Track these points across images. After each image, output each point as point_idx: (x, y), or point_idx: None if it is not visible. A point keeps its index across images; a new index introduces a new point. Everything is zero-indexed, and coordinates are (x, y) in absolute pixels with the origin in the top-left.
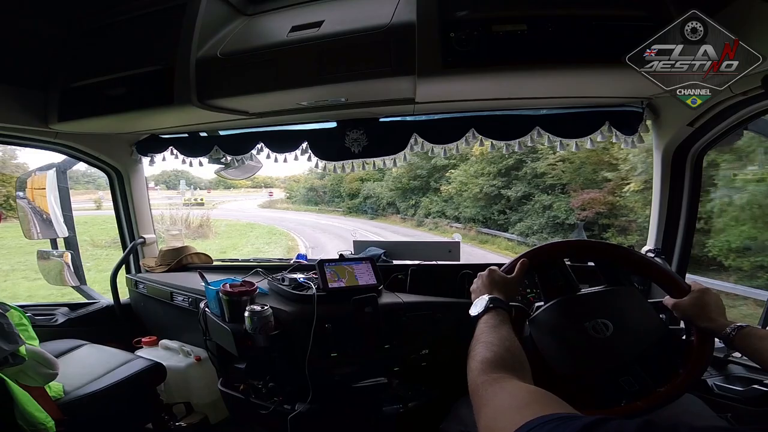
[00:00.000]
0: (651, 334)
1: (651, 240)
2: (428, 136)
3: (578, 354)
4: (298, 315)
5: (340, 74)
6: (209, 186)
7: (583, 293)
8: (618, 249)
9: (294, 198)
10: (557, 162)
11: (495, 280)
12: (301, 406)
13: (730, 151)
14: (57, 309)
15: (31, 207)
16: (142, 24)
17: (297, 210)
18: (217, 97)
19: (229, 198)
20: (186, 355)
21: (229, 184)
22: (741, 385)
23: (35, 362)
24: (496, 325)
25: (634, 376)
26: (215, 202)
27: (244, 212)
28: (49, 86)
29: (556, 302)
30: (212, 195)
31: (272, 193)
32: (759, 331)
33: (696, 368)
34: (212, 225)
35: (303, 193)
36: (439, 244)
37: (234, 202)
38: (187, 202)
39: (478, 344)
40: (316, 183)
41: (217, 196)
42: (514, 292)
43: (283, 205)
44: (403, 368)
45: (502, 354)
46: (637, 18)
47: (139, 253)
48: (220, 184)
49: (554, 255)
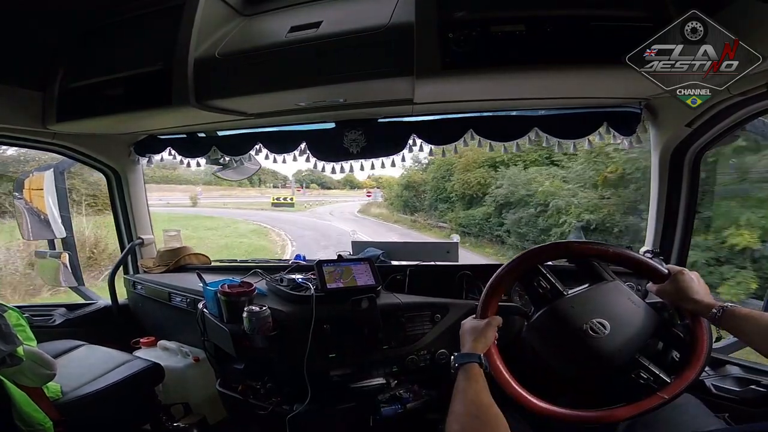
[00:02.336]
0: (648, 324)
1: (649, 241)
2: (427, 136)
3: (581, 356)
4: (297, 316)
5: (339, 75)
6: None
7: (570, 295)
8: (592, 246)
9: (391, 200)
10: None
11: (468, 331)
12: (300, 406)
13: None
14: (55, 310)
15: (27, 208)
16: (141, 24)
17: (386, 220)
18: (215, 97)
19: (331, 198)
20: (184, 355)
21: (327, 182)
22: (738, 385)
23: (33, 363)
24: (464, 387)
25: (644, 368)
26: (310, 202)
27: (317, 219)
28: (47, 87)
29: (547, 310)
30: (306, 194)
31: (371, 193)
32: (741, 310)
33: (696, 357)
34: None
35: (399, 192)
36: (438, 245)
37: (329, 203)
38: (277, 202)
39: (450, 414)
40: (415, 178)
41: (314, 197)
42: (489, 335)
43: (377, 210)
44: (401, 369)
45: (470, 423)
46: (636, 18)
47: (138, 253)
48: (315, 181)
49: (529, 264)
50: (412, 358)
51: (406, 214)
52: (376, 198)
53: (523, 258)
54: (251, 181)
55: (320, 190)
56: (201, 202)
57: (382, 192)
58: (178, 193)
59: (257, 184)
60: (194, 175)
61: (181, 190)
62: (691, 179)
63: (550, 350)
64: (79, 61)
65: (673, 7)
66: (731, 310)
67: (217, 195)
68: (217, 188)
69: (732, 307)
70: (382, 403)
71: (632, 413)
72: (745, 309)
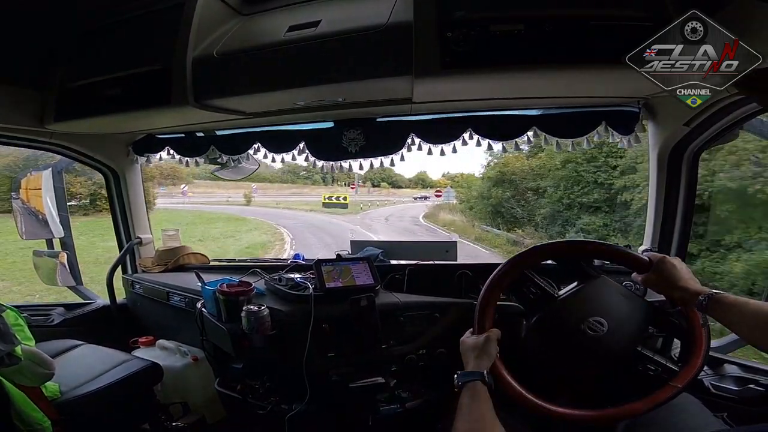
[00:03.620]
0: (644, 315)
1: (647, 240)
2: (425, 136)
3: (584, 356)
4: (296, 315)
5: (338, 74)
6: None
7: (561, 297)
8: (572, 244)
9: (470, 203)
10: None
11: (469, 349)
12: (299, 406)
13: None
14: (53, 309)
15: (24, 207)
16: (139, 24)
17: (462, 233)
18: (213, 97)
19: (397, 198)
20: (183, 355)
21: (398, 181)
22: (737, 384)
23: (31, 362)
24: (468, 404)
25: (650, 360)
26: (371, 202)
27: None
28: (46, 86)
29: (542, 314)
30: (373, 193)
31: (440, 192)
32: (728, 297)
33: (697, 341)
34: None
35: (485, 190)
36: (437, 244)
37: (393, 204)
38: (328, 202)
39: (453, 431)
40: (513, 166)
41: (381, 196)
42: (491, 350)
43: (448, 216)
44: (400, 368)
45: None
46: (635, 18)
47: (136, 253)
48: (386, 179)
49: (513, 275)
50: (411, 357)
51: (497, 224)
52: (448, 198)
53: (505, 271)
54: (324, 180)
55: (389, 189)
56: (255, 200)
57: (455, 192)
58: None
59: (330, 183)
60: (272, 173)
61: (243, 187)
62: (689, 178)
63: (551, 353)
64: (77, 61)
65: (672, 7)
66: (717, 297)
67: (273, 193)
68: (289, 186)
69: (718, 294)
70: (380, 403)
71: (649, 406)
72: (732, 296)
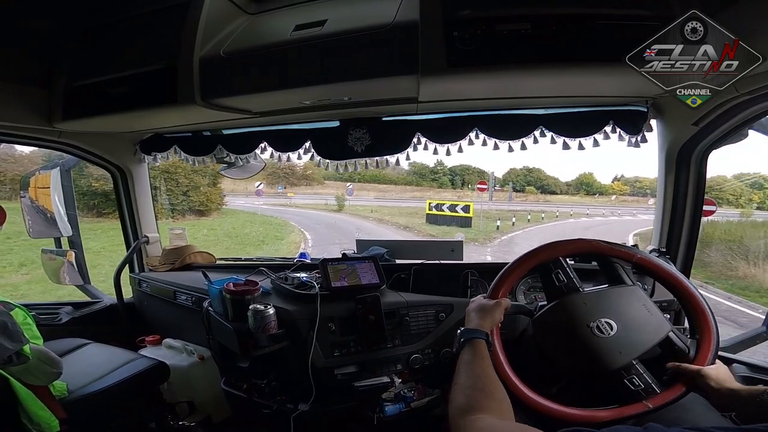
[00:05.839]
0: (657, 334)
1: (655, 240)
2: (431, 135)
3: (582, 354)
4: (302, 314)
5: (344, 73)
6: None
7: (585, 292)
8: (619, 248)
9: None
10: None
11: (475, 308)
12: (304, 405)
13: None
14: (61, 308)
15: (33, 206)
16: (146, 22)
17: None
18: (220, 96)
19: (553, 207)
20: (189, 354)
21: (549, 185)
22: (745, 384)
23: (39, 361)
24: (470, 360)
25: (638, 375)
26: (514, 213)
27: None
28: (53, 85)
29: (559, 302)
30: (515, 201)
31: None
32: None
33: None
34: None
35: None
36: (442, 244)
37: (549, 218)
38: (435, 213)
39: (454, 386)
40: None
41: (529, 204)
42: (496, 315)
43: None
44: (406, 368)
45: (476, 396)
46: (642, 17)
47: (143, 252)
48: (532, 183)
49: (552, 254)
50: (417, 356)
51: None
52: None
53: (548, 246)
54: (453, 183)
55: (538, 195)
56: (348, 204)
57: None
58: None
59: (459, 186)
60: (398, 174)
61: (368, 189)
62: (697, 178)
63: (551, 343)
64: (84, 60)
65: (678, 7)
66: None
67: (371, 197)
68: (412, 188)
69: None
70: (386, 402)
71: (613, 417)
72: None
